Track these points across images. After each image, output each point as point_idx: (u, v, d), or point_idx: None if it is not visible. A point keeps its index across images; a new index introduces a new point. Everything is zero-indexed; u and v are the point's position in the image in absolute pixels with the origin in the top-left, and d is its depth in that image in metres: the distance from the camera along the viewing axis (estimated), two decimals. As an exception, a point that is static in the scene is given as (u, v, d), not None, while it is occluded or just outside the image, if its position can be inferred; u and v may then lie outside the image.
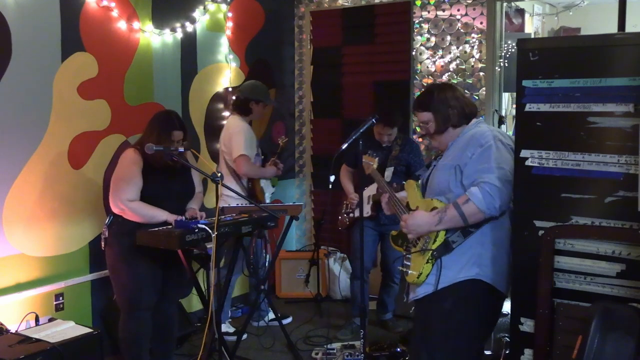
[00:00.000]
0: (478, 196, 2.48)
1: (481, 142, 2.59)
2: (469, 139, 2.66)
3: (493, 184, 2.50)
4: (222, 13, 5.06)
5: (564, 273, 2.53)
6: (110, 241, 3.45)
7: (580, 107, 2.47)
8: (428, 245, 2.58)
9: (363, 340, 2.79)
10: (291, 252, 5.66)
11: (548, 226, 2.54)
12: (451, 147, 2.72)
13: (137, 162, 3.40)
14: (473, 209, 2.49)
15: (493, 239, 2.63)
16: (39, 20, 3.69)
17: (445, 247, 2.56)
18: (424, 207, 2.66)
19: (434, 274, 2.56)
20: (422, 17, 5.28)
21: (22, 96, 3.61)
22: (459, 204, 2.52)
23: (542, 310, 2.53)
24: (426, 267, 2.56)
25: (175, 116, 3.54)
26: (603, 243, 2.45)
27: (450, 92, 2.75)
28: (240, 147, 4.35)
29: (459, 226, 2.55)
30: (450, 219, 2.53)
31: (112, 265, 3.49)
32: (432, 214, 2.57)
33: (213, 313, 3.16)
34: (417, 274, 2.57)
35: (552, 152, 2.53)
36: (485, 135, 2.62)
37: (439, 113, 2.69)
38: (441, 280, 2.56)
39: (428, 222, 2.57)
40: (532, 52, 2.54)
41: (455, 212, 2.52)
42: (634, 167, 2.36)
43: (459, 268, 2.58)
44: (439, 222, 2.54)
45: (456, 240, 2.57)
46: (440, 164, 2.72)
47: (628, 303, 2.36)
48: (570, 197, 2.50)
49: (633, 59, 2.38)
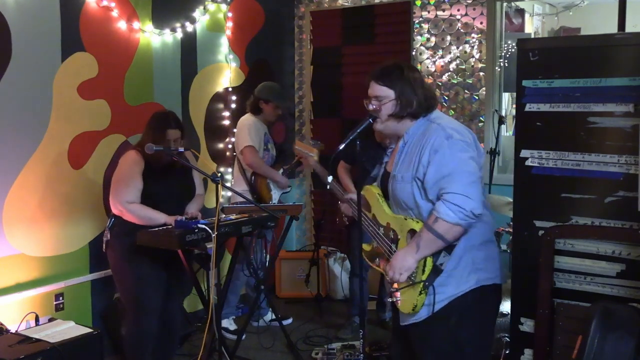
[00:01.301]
0: (444, 211, 2.26)
1: (435, 145, 2.34)
2: (419, 139, 2.41)
3: (455, 192, 2.26)
4: (222, 13, 5.06)
5: (564, 273, 2.53)
6: (111, 242, 3.44)
7: (580, 107, 2.47)
8: (417, 278, 2.36)
9: (363, 340, 2.78)
10: (291, 252, 5.66)
11: (548, 226, 2.54)
12: (404, 150, 2.46)
13: (138, 164, 3.40)
14: (445, 226, 2.26)
15: (480, 238, 2.44)
16: (39, 20, 3.69)
17: (435, 273, 2.35)
18: (398, 227, 2.44)
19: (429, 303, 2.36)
20: (422, 17, 5.28)
21: (22, 96, 3.61)
22: (430, 225, 2.29)
23: (542, 310, 2.53)
24: (420, 299, 2.36)
25: (172, 115, 3.53)
26: (603, 243, 2.45)
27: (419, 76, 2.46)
28: (246, 138, 4.44)
29: (442, 247, 2.32)
30: (427, 243, 2.30)
31: (115, 266, 3.48)
32: (411, 242, 2.36)
33: (213, 313, 3.16)
34: (412, 307, 2.38)
35: (552, 152, 2.53)
36: (438, 134, 2.36)
37: (403, 96, 2.39)
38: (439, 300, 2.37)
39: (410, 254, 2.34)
40: (532, 52, 2.54)
41: (430, 235, 2.29)
42: (634, 167, 2.37)
43: (456, 283, 2.39)
44: (418, 249, 2.31)
45: (443, 261, 2.36)
46: (398, 174, 2.45)
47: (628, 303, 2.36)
48: (570, 197, 2.50)
49: (633, 59, 2.38)
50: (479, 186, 2.32)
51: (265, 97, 4.56)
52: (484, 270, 2.43)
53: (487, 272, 2.44)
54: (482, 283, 2.42)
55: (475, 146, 2.42)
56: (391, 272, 2.39)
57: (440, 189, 2.30)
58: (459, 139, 2.35)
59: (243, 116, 4.67)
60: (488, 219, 2.49)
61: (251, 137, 4.45)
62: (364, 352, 2.85)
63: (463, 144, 2.35)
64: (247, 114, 4.65)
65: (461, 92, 5.16)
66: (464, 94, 5.15)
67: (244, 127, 4.51)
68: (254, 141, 4.46)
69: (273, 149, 4.74)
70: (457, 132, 2.38)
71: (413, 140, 2.43)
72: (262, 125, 4.62)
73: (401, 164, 2.44)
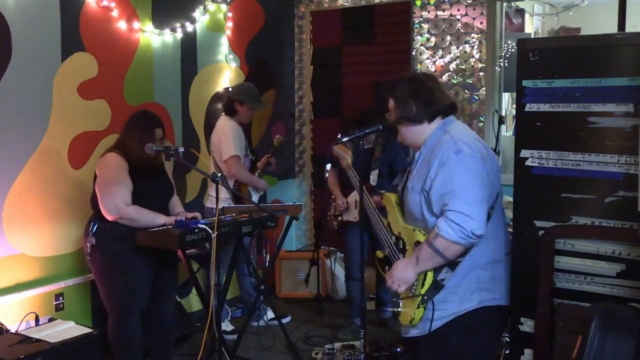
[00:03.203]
0: (445, 229, 2.23)
1: (443, 158, 2.32)
2: (432, 151, 2.39)
3: (457, 211, 2.22)
4: (222, 13, 5.06)
5: (564, 273, 2.53)
6: (98, 248, 3.35)
7: (580, 107, 2.47)
8: (416, 290, 2.34)
9: (363, 340, 2.78)
10: (291, 252, 5.66)
11: (548, 226, 2.54)
12: (419, 157, 2.47)
13: (123, 165, 3.33)
14: (444, 243, 2.24)
15: (488, 258, 2.41)
16: (39, 20, 3.69)
17: (436, 287, 2.33)
18: (407, 237, 2.45)
19: (427, 318, 2.34)
20: (422, 17, 5.28)
21: (22, 96, 3.61)
22: (430, 241, 2.28)
23: (542, 310, 2.53)
24: (418, 312, 2.34)
25: (153, 114, 3.50)
26: (603, 243, 2.45)
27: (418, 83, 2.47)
28: (231, 148, 4.33)
29: (442, 263, 2.30)
30: (426, 257, 2.28)
31: (102, 271, 3.40)
32: (411, 255, 2.36)
33: (213, 313, 3.16)
34: (409, 318, 2.37)
35: (552, 152, 2.53)
36: (448, 147, 2.33)
37: (400, 101, 2.44)
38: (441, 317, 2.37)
39: (410, 265, 2.33)
40: (532, 52, 2.54)
41: (429, 250, 2.27)
42: (634, 167, 2.36)
43: (459, 300, 2.37)
44: (417, 262, 2.30)
45: (445, 277, 2.33)
46: (409, 185, 2.45)
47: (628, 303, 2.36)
48: (570, 197, 2.50)
49: (633, 59, 2.38)
50: (483, 206, 2.28)
51: (240, 98, 4.47)
52: (489, 291, 2.41)
53: (492, 293, 2.42)
54: (485, 304, 2.40)
55: (490, 159, 2.41)
56: (390, 282, 2.39)
57: (443, 205, 2.28)
58: (469, 154, 2.31)
59: (221, 119, 4.54)
60: (501, 239, 2.47)
61: (236, 146, 4.33)
62: (364, 352, 2.85)
63: (473, 159, 2.31)
64: (223, 116, 4.53)
65: (461, 92, 5.16)
66: (464, 94, 5.15)
67: (228, 133, 4.37)
68: (239, 150, 4.36)
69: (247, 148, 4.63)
70: (469, 146, 2.33)
71: (427, 151, 2.43)
72: (239, 129, 4.50)
73: (414, 174, 2.44)
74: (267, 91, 5.55)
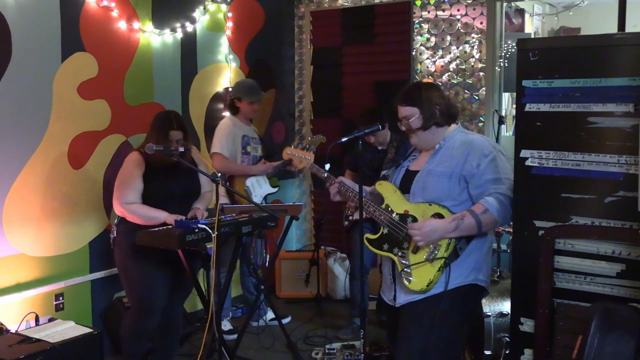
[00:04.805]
0: (495, 206, 2.48)
1: (484, 152, 2.57)
2: (464, 147, 2.61)
3: (507, 194, 2.52)
4: (222, 13, 5.06)
5: (564, 273, 2.53)
6: (118, 240, 3.46)
7: (580, 107, 2.47)
8: (439, 254, 2.53)
9: (363, 340, 2.78)
10: (291, 252, 5.66)
11: (548, 226, 2.54)
12: (439, 152, 2.67)
13: (139, 165, 3.41)
14: (491, 218, 2.49)
15: (488, 244, 2.68)
16: (39, 20, 3.69)
17: (455, 254, 2.55)
18: (419, 213, 2.60)
19: (443, 280, 2.54)
20: (422, 17, 5.28)
21: (22, 96, 3.61)
22: (477, 213, 2.49)
23: (542, 310, 2.53)
24: (437, 275, 2.52)
25: (174, 116, 3.52)
26: (603, 243, 2.45)
27: (436, 91, 2.71)
28: (216, 144, 4.45)
29: (473, 234, 2.54)
30: (467, 227, 2.50)
31: (121, 263, 3.48)
32: (448, 220, 2.51)
33: (213, 313, 3.16)
34: (426, 283, 2.52)
35: (552, 152, 2.54)
36: (485, 144, 2.62)
37: (425, 109, 2.63)
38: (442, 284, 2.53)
39: (444, 229, 2.50)
40: (532, 52, 2.55)
41: (472, 221, 2.49)
42: (634, 167, 2.37)
43: (461, 273, 2.57)
44: (455, 229, 2.50)
45: (462, 247, 2.57)
46: (434, 170, 2.64)
47: (628, 303, 2.36)
48: (570, 197, 2.51)
49: (633, 59, 2.38)
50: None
51: (236, 95, 4.57)
52: (482, 273, 2.65)
53: (483, 276, 2.65)
54: (478, 282, 2.63)
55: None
56: (418, 233, 2.52)
57: (490, 187, 2.53)
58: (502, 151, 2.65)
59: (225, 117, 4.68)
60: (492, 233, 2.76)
61: (221, 144, 4.43)
62: (364, 352, 2.85)
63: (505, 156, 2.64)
64: (228, 115, 4.67)
65: (461, 92, 5.16)
66: (464, 94, 5.15)
67: (218, 131, 4.52)
68: (224, 148, 4.44)
69: (257, 149, 4.65)
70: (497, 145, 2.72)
71: (449, 145, 2.65)
72: (243, 126, 4.57)
73: (438, 163, 2.64)
74: (267, 91, 5.54)
